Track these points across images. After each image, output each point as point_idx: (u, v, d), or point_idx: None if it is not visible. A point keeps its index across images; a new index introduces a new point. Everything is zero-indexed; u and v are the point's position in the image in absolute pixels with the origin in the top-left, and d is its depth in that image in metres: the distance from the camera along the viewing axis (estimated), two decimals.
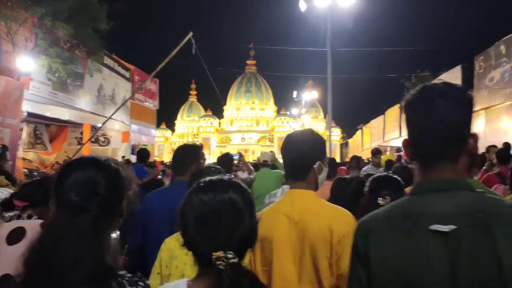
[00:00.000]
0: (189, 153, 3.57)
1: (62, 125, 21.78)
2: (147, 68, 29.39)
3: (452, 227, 1.28)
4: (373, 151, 10.21)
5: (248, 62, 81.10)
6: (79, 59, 18.32)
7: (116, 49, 26.15)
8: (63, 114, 19.08)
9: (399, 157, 15.29)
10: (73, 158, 1.81)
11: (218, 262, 1.32)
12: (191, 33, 14.83)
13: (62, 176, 1.49)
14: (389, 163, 9.44)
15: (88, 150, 21.33)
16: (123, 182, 1.56)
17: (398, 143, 28.49)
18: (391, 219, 1.42)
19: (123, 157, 21.49)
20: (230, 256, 1.32)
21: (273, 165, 8.93)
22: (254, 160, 16.94)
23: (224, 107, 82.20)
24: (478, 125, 20.67)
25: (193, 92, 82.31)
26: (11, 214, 2.81)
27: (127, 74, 26.78)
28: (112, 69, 24.46)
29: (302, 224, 2.13)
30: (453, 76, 25.01)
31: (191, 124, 79.75)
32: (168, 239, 2.54)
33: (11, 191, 3.78)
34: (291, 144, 2.38)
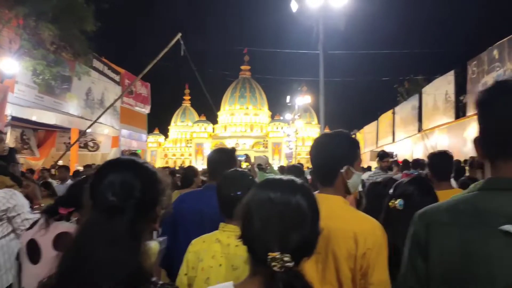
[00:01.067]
0: (225, 158, 3.54)
1: (50, 129, 21.43)
2: (139, 72, 29.18)
3: None
4: (379, 154, 9.56)
5: (242, 67, 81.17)
6: (66, 61, 18.00)
7: (106, 52, 25.95)
8: (49, 118, 18.65)
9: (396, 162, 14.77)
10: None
11: (273, 263, 1.27)
12: (179, 34, 14.57)
13: (99, 176, 1.49)
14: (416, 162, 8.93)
15: (76, 155, 21.01)
16: (159, 186, 1.56)
17: (392, 148, 28.34)
18: (455, 212, 1.38)
19: None
20: (286, 259, 1.27)
21: (267, 169, 9.13)
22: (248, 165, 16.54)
23: (218, 113, 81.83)
24: (471, 131, 20.12)
25: (187, 97, 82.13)
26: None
27: (117, 78, 26.44)
28: (101, 72, 24.09)
29: (326, 231, 1.97)
30: (446, 81, 25.06)
31: (185, 130, 79.47)
32: (194, 241, 2.49)
33: (16, 192, 3.80)
34: (317, 148, 2.33)
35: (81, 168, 14.98)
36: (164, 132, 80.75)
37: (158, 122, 79.30)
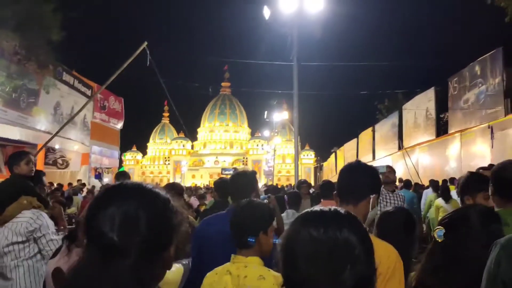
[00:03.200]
0: (250, 180, 3.56)
1: (19, 145, 20.49)
2: (111, 86, 28.43)
3: None
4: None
5: (222, 84, 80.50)
6: (33, 74, 17.33)
7: (78, 66, 25.20)
8: (13, 133, 17.94)
9: None
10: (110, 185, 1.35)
11: None
12: (145, 43, 13.90)
13: (96, 206, 1.22)
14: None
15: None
16: (172, 220, 1.25)
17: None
18: None
19: (78, 180, 20.36)
20: None
21: None
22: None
23: (198, 129, 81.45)
24: (453, 149, 20.29)
25: (166, 114, 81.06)
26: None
27: (88, 92, 25.66)
28: (71, 86, 23.43)
29: None
30: (427, 97, 24.81)
31: (163, 147, 78.35)
32: (209, 274, 2.47)
33: (43, 213, 3.88)
34: (354, 168, 2.39)
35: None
36: (143, 149, 79.87)
37: (136, 139, 78.41)
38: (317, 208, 1.33)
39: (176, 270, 2.28)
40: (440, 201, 9.65)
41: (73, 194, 14.13)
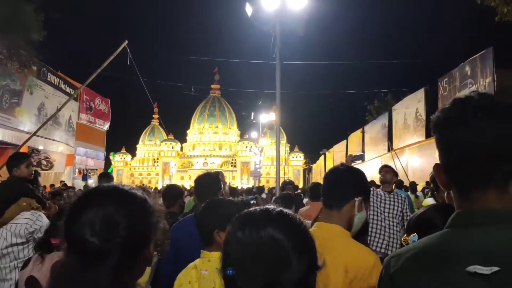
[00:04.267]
0: (214, 181, 3.64)
1: (1, 146, 20.16)
2: (97, 87, 28.12)
3: (495, 268, 1.08)
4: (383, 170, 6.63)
5: (212, 86, 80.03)
6: (16, 74, 17.08)
7: (63, 67, 24.86)
8: None
9: None
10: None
11: None
12: (126, 42, 13.62)
13: (74, 210, 1.23)
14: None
15: None
16: (150, 219, 1.29)
17: (361, 168, 27.69)
18: (422, 258, 1.20)
19: (61, 182, 19.99)
20: None
21: None
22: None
23: (187, 131, 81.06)
24: None
25: (155, 116, 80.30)
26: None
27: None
28: (56, 87, 23.03)
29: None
30: (417, 98, 24.71)
31: (152, 148, 77.80)
32: (179, 275, 2.55)
33: (41, 213, 3.94)
34: (338, 171, 2.40)
35: None
36: (132, 151, 79.23)
37: (126, 141, 77.91)
38: (252, 208, 1.31)
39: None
40: (430, 200, 9.58)
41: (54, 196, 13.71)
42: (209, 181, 3.66)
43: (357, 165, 32.32)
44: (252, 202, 7.94)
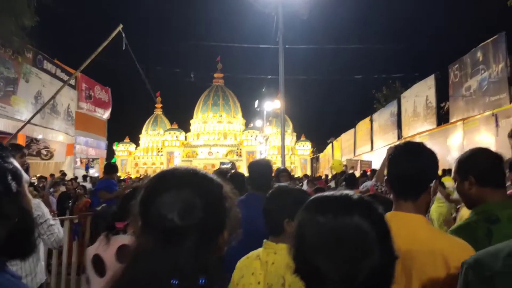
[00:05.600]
0: (267, 168, 3.80)
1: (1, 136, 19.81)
2: (96, 75, 27.63)
3: None
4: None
5: (215, 75, 79.16)
6: (10, 61, 16.87)
7: (60, 55, 24.32)
8: None
9: (364, 172, 14.27)
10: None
11: None
12: (121, 26, 13.02)
13: (152, 190, 1.26)
14: None
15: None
16: (226, 205, 1.30)
17: (370, 157, 27.21)
18: None
19: (61, 171, 19.53)
20: None
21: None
22: None
23: (191, 121, 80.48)
24: (455, 138, 19.61)
25: (159, 105, 79.61)
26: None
27: (72, 81, 24.70)
28: (53, 75, 22.58)
29: (409, 255, 1.81)
30: (427, 85, 24.17)
31: (156, 138, 76.94)
32: (242, 258, 2.45)
33: (40, 201, 4.19)
34: (408, 154, 2.07)
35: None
36: (136, 140, 78.58)
37: (129, 130, 77.61)
38: (327, 193, 1.28)
39: None
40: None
41: (53, 186, 13.22)
42: (263, 168, 3.78)
43: (367, 154, 31.79)
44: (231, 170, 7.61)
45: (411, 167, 2.00)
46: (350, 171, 15.37)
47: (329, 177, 19.88)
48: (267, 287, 2.27)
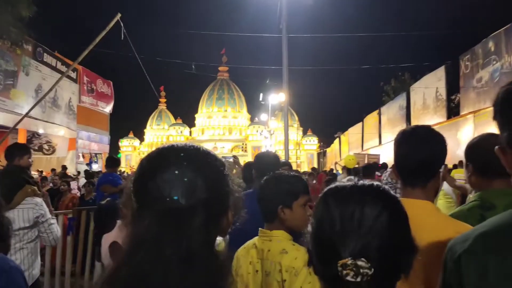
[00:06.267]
0: (274, 159, 3.86)
1: (2, 130, 19.54)
2: (98, 69, 27.28)
3: None
4: None
5: (220, 68, 78.60)
6: (9, 54, 16.83)
7: (61, 48, 23.98)
8: None
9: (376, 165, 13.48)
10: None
11: (345, 272, 1.03)
12: (119, 15, 12.57)
13: (150, 168, 1.14)
14: None
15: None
16: (229, 183, 1.22)
17: (378, 151, 26.76)
18: (492, 239, 1.17)
19: (63, 166, 19.17)
20: (361, 263, 1.03)
21: None
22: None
23: (196, 115, 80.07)
24: (466, 131, 19.23)
25: (163, 100, 79.36)
26: None
27: (73, 75, 24.54)
28: (54, 68, 22.09)
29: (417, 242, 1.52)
30: (436, 77, 23.69)
31: (160, 133, 76.72)
32: (240, 248, 2.45)
33: (42, 200, 4.22)
34: (417, 138, 1.96)
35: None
36: (140, 135, 78.36)
37: (133, 125, 77.44)
38: (341, 182, 1.26)
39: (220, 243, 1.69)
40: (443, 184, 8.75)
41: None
42: (271, 159, 3.82)
43: (375, 148, 31.37)
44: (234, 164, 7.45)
45: (420, 152, 1.93)
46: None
47: (339, 171, 19.47)
48: (265, 275, 2.25)
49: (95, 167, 24.33)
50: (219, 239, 1.24)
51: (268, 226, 2.36)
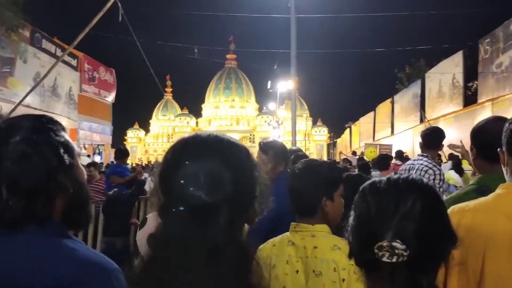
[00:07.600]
0: (285, 148, 3.86)
1: None
2: (100, 56, 26.56)
3: None
4: None
5: (227, 56, 77.76)
6: (4, 39, 16.12)
7: (62, 35, 23.13)
8: None
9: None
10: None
11: (381, 253, 1.05)
12: None
13: (173, 162, 1.12)
14: None
15: None
16: (256, 174, 1.19)
17: (390, 141, 25.88)
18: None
19: None
20: (396, 244, 1.04)
21: None
22: None
23: (202, 105, 79.36)
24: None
25: (169, 89, 78.41)
26: None
27: (73, 62, 23.77)
28: (53, 55, 21.25)
29: None
30: (454, 63, 22.75)
31: (166, 124, 76.26)
32: (262, 246, 2.24)
33: None
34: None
35: None
36: (145, 126, 77.85)
37: (139, 116, 76.76)
38: (382, 177, 1.27)
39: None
40: (452, 174, 8.82)
41: None
42: (281, 147, 3.80)
43: (386, 138, 30.39)
44: None
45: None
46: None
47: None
48: (315, 276, 2.03)
49: (98, 159, 23.66)
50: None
51: (307, 221, 2.14)
